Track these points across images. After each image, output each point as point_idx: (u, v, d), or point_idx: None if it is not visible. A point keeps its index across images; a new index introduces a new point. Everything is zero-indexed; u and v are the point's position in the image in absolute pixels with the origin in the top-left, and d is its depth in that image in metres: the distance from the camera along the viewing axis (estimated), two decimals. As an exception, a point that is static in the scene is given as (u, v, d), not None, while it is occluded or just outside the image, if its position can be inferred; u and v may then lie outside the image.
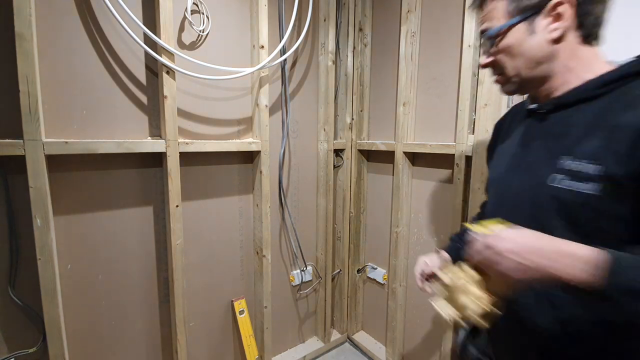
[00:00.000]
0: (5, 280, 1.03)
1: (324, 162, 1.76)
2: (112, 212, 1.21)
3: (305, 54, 1.67)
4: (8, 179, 1.01)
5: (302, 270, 1.79)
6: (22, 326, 1.07)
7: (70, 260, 1.14)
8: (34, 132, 0.96)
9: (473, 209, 1.28)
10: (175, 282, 1.28)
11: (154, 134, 1.26)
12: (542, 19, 0.58)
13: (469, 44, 1.26)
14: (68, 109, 1.09)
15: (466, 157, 1.31)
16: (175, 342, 1.31)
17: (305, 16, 1.52)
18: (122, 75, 1.18)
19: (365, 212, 1.91)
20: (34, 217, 0.98)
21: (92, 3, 1.09)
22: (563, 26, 0.57)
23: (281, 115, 1.61)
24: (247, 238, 1.58)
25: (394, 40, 1.60)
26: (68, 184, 1.11)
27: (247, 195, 1.56)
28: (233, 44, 1.42)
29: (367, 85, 1.80)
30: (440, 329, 1.48)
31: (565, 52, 0.59)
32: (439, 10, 1.41)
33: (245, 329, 1.56)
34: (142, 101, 1.23)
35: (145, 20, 1.18)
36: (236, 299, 1.56)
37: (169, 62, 1.18)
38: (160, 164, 1.28)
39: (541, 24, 0.58)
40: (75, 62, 1.09)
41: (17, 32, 0.91)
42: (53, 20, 1.03)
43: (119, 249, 1.23)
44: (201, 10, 1.30)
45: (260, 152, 1.48)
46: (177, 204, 1.25)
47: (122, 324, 1.27)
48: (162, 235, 1.32)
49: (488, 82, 1.20)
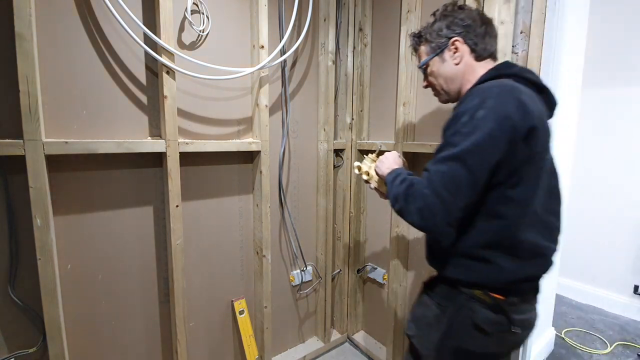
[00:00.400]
0: (5, 280, 1.03)
1: (324, 162, 1.76)
2: (112, 212, 1.21)
3: (305, 54, 1.67)
4: (8, 179, 1.01)
5: (302, 270, 1.79)
6: (22, 326, 1.07)
7: (70, 260, 1.14)
8: (34, 132, 0.96)
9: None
10: (175, 282, 1.28)
11: (154, 134, 1.26)
12: (447, 52, 0.90)
13: (469, 44, 1.25)
14: (68, 109, 1.09)
15: (466, 157, 1.31)
16: (175, 342, 1.31)
17: (305, 16, 1.52)
18: (122, 75, 1.18)
19: (365, 212, 1.91)
20: (34, 217, 0.98)
21: (92, 3, 1.09)
22: (459, 52, 0.88)
23: (281, 115, 1.61)
24: (247, 238, 1.58)
25: (394, 40, 1.60)
26: (68, 184, 1.11)
27: (247, 195, 1.56)
28: (233, 44, 1.42)
29: (367, 85, 1.80)
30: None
31: (467, 69, 0.89)
32: (439, 10, 1.41)
33: (245, 329, 1.56)
34: (142, 101, 1.23)
35: (145, 20, 1.18)
36: (236, 299, 1.56)
37: (169, 62, 1.18)
38: (160, 164, 1.28)
39: (447, 55, 0.90)
40: (75, 62, 1.09)
41: (17, 32, 0.91)
42: (53, 20, 1.04)
43: (119, 249, 1.23)
44: (201, 10, 1.30)
45: (260, 152, 1.48)
46: (177, 204, 1.25)
47: (122, 324, 1.27)
48: (162, 235, 1.32)
49: (488, 82, 1.20)
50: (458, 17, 0.88)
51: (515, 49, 1.18)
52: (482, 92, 0.75)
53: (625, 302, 2.36)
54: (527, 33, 1.19)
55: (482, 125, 0.70)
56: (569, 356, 1.93)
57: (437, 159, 0.76)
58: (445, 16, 0.90)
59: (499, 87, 0.75)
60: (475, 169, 0.71)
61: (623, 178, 2.33)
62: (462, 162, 0.71)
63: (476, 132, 0.70)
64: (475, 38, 0.87)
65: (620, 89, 2.32)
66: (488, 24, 0.90)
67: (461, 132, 0.72)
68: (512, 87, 0.75)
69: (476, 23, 0.88)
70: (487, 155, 0.71)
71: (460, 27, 0.88)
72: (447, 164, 0.73)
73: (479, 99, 0.73)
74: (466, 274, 0.81)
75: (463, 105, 0.76)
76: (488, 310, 0.79)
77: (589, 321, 2.29)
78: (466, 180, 0.71)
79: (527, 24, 1.19)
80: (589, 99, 2.41)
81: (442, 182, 0.72)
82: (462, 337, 0.82)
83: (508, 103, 0.71)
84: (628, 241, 2.33)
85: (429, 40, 0.93)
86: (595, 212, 2.47)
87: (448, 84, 0.92)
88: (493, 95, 0.73)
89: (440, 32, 0.90)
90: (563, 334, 2.11)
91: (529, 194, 0.75)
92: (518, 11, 1.16)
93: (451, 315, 0.83)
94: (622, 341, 2.06)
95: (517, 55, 1.18)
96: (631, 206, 2.30)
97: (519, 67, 0.85)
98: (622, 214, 2.34)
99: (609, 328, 2.20)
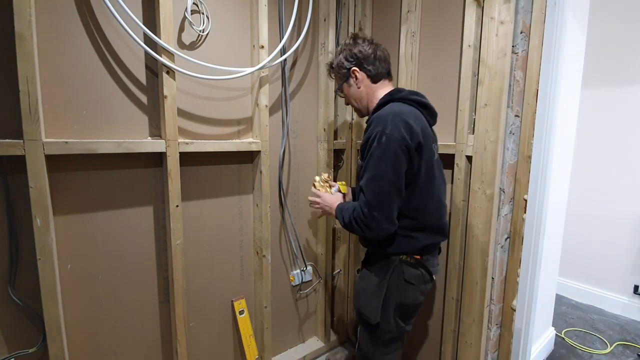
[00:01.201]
0: (5, 280, 1.03)
1: (324, 162, 1.76)
2: (112, 212, 1.21)
3: (305, 54, 1.67)
4: (8, 179, 1.01)
5: (302, 270, 1.79)
6: (22, 326, 1.07)
7: (70, 260, 1.14)
8: (34, 132, 0.96)
9: (473, 208, 1.28)
10: (175, 282, 1.28)
11: (154, 134, 1.26)
12: (351, 79, 1.16)
13: (469, 44, 1.26)
14: (68, 109, 1.09)
15: (466, 157, 1.31)
16: (175, 342, 1.31)
17: (305, 16, 1.53)
18: (122, 75, 1.18)
19: (365, 212, 1.91)
20: (34, 217, 0.98)
21: (92, 3, 1.09)
22: (359, 79, 1.15)
23: (281, 115, 1.61)
24: (247, 238, 1.58)
25: (394, 40, 1.60)
26: (68, 184, 1.11)
27: (247, 195, 1.56)
28: (233, 44, 1.42)
29: (367, 85, 1.80)
30: (440, 329, 1.48)
31: (368, 91, 1.16)
32: (439, 10, 1.41)
33: (245, 329, 1.56)
34: (142, 101, 1.23)
35: (145, 20, 1.18)
36: (236, 299, 1.56)
37: (169, 62, 1.18)
38: (160, 164, 1.28)
39: (352, 81, 1.17)
40: (75, 62, 1.09)
41: (17, 32, 0.91)
42: (53, 20, 1.03)
43: (119, 249, 1.23)
44: (201, 10, 1.30)
45: (260, 152, 1.48)
46: (177, 204, 1.25)
47: (122, 324, 1.27)
48: (162, 235, 1.32)
49: (488, 82, 1.21)
50: (353, 51, 1.13)
51: (515, 49, 1.18)
52: (382, 120, 0.99)
53: (625, 302, 2.36)
54: (527, 33, 1.19)
55: (388, 148, 0.97)
56: (569, 356, 1.93)
57: (366, 179, 1.00)
58: (343, 50, 1.16)
59: (392, 114, 1.00)
60: (395, 181, 0.98)
61: (623, 178, 2.33)
62: (384, 179, 0.97)
63: (385, 154, 0.97)
64: (368, 66, 1.13)
65: (620, 88, 2.32)
66: (376, 51, 1.14)
67: (375, 155, 0.98)
68: (400, 111, 1.01)
69: (367, 53, 1.12)
70: (398, 168, 0.98)
71: (355, 59, 1.13)
72: (375, 182, 0.98)
73: (381, 127, 0.98)
74: (395, 247, 1.09)
75: (370, 130, 1.02)
76: (412, 268, 1.10)
77: (589, 321, 2.29)
78: (394, 190, 0.99)
79: (527, 24, 1.19)
80: (589, 98, 2.41)
81: (376, 198, 0.98)
82: (399, 293, 1.10)
83: (400, 127, 0.98)
84: (628, 241, 2.33)
85: (337, 71, 1.20)
86: (595, 212, 2.47)
87: (358, 103, 1.20)
88: (388, 123, 0.98)
89: (342, 64, 1.16)
90: (563, 334, 2.11)
91: (428, 187, 1.07)
92: (518, 11, 1.16)
93: (389, 278, 1.10)
94: (622, 341, 2.06)
95: (517, 55, 1.18)
96: (631, 206, 2.30)
97: (406, 92, 1.10)
98: (622, 214, 2.34)
99: (609, 328, 2.20)
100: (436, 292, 1.50)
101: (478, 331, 1.30)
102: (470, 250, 1.31)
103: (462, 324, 1.36)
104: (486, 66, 1.21)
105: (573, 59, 1.68)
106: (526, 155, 1.24)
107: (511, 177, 1.27)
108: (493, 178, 1.21)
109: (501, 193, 1.25)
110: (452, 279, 1.39)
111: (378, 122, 1.00)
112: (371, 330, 1.15)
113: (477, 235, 1.28)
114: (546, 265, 1.65)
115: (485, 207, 1.24)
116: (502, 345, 1.37)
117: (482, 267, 1.27)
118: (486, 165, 1.23)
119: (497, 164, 1.20)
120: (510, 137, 1.23)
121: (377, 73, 1.14)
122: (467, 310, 1.33)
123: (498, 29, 1.17)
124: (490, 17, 1.19)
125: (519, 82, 1.21)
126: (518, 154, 1.26)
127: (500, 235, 1.27)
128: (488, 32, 1.20)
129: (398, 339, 1.18)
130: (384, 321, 1.11)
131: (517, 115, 1.23)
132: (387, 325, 1.12)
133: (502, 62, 1.17)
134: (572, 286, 2.61)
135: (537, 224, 1.30)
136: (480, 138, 1.25)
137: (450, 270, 1.40)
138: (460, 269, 1.37)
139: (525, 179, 1.25)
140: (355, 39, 1.16)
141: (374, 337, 1.16)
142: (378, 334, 1.14)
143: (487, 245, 1.25)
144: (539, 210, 1.29)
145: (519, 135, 1.25)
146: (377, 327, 1.13)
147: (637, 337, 2.11)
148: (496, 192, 1.23)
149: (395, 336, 1.15)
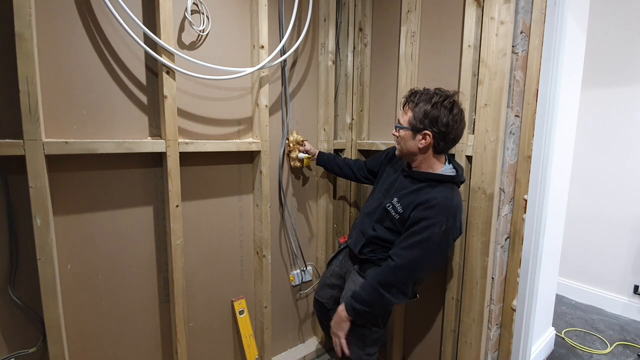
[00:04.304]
0: (5, 280, 1.03)
1: (324, 162, 1.76)
2: (112, 212, 1.21)
3: (305, 54, 1.67)
4: (8, 179, 1.01)
5: (302, 270, 1.79)
6: (22, 326, 1.07)
7: (70, 260, 1.14)
8: (34, 132, 0.96)
9: (473, 208, 1.28)
10: (175, 282, 1.28)
11: (154, 134, 1.26)
12: (419, 135, 1.11)
13: (469, 44, 1.26)
14: (68, 109, 1.09)
15: (466, 157, 1.31)
16: (175, 342, 1.31)
17: (305, 16, 1.53)
18: (122, 75, 1.18)
19: (365, 212, 1.91)
20: (34, 217, 0.98)
21: (92, 3, 1.09)
22: (425, 144, 1.11)
23: (281, 115, 1.61)
24: (247, 238, 1.58)
25: (394, 40, 1.60)
26: (68, 184, 1.11)
27: (247, 195, 1.56)
28: (233, 44, 1.42)
29: (367, 85, 1.80)
30: (440, 330, 1.48)
31: (424, 154, 1.14)
32: (439, 10, 1.41)
33: (245, 329, 1.56)
34: (142, 101, 1.23)
35: (145, 20, 1.18)
36: (236, 299, 1.56)
37: (169, 62, 1.18)
38: (160, 164, 1.28)
39: (418, 137, 1.12)
40: (75, 62, 1.09)
41: (17, 32, 0.91)
42: (53, 20, 1.03)
43: (119, 249, 1.23)
44: (201, 10, 1.30)
45: (260, 152, 1.48)
46: (177, 204, 1.25)
47: (122, 323, 1.27)
48: (162, 235, 1.32)
49: (488, 82, 1.21)
50: (441, 120, 1.06)
51: (515, 49, 1.18)
52: (448, 210, 1.06)
53: (625, 302, 2.36)
54: (527, 33, 1.19)
55: (444, 241, 1.07)
56: (569, 356, 1.93)
57: (409, 249, 1.08)
58: (435, 108, 1.07)
59: (457, 210, 1.08)
60: (436, 265, 1.19)
61: (623, 178, 2.33)
62: (424, 266, 1.10)
63: (442, 247, 1.07)
64: (442, 142, 1.10)
65: (620, 88, 2.32)
66: (458, 134, 1.11)
67: (431, 239, 1.05)
68: (460, 205, 1.11)
69: (451, 131, 1.08)
70: (445, 256, 1.22)
71: (437, 128, 1.07)
72: (416, 261, 1.08)
73: (444, 217, 1.05)
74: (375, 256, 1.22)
75: (432, 204, 1.06)
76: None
77: (589, 321, 2.29)
78: (428, 271, 1.13)
79: (527, 24, 1.19)
80: (589, 98, 2.41)
81: (408, 271, 1.08)
82: None
83: (458, 224, 1.09)
84: (628, 241, 2.33)
85: (414, 113, 1.11)
86: (595, 212, 2.47)
87: (405, 150, 1.17)
88: (451, 218, 1.06)
89: (424, 118, 1.08)
90: (563, 334, 2.11)
91: None
92: (518, 11, 1.16)
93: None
94: (622, 341, 2.06)
95: (517, 55, 1.18)
96: (631, 206, 2.30)
97: (461, 171, 1.16)
98: (622, 213, 2.34)
99: (609, 328, 2.20)
100: (436, 292, 1.50)
101: (478, 331, 1.30)
102: (470, 250, 1.31)
103: (462, 324, 1.36)
104: (486, 66, 1.21)
105: (573, 59, 1.68)
106: (526, 155, 1.24)
107: (511, 177, 1.27)
108: (493, 178, 1.21)
109: (501, 193, 1.25)
110: (452, 279, 1.39)
111: (443, 210, 1.05)
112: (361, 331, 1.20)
113: (477, 235, 1.28)
114: (546, 265, 1.65)
115: (485, 207, 1.24)
116: (502, 345, 1.37)
117: (482, 267, 1.27)
118: (486, 165, 1.23)
119: (497, 164, 1.20)
120: (510, 137, 1.23)
121: (442, 150, 1.13)
122: (467, 310, 1.33)
123: (498, 29, 1.17)
124: (490, 17, 1.19)
125: (519, 82, 1.21)
126: (518, 154, 1.26)
127: (500, 235, 1.27)
128: (488, 32, 1.20)
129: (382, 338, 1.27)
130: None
131: (517, 115, 1.23)
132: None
133: (502, 62, 1.17)
134: (572, 286, 2.61)
135: (537, 224, 1.30)
136: (480, 138, 1.25)
137: (450, 270, 1.40)
138: (460, 269, 1.37)
139: (525, 179, 1.25)
140: (452, 108, 1.07)
141: (364, 338, 1.21)
142: (367, 333, 1.21)
143: (487, 245, 1.25)
144: (539, 210, 1.29)
145: (519, 135, 1.25)
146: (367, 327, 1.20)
147: (637, 337, 2.11)
148: (496, 192, 1.23)
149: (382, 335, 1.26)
